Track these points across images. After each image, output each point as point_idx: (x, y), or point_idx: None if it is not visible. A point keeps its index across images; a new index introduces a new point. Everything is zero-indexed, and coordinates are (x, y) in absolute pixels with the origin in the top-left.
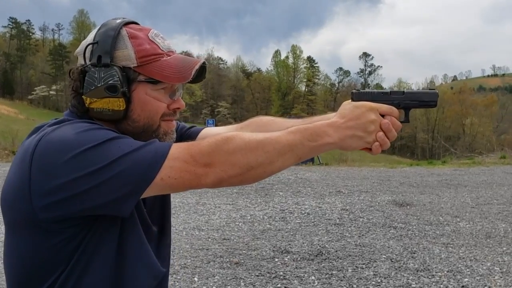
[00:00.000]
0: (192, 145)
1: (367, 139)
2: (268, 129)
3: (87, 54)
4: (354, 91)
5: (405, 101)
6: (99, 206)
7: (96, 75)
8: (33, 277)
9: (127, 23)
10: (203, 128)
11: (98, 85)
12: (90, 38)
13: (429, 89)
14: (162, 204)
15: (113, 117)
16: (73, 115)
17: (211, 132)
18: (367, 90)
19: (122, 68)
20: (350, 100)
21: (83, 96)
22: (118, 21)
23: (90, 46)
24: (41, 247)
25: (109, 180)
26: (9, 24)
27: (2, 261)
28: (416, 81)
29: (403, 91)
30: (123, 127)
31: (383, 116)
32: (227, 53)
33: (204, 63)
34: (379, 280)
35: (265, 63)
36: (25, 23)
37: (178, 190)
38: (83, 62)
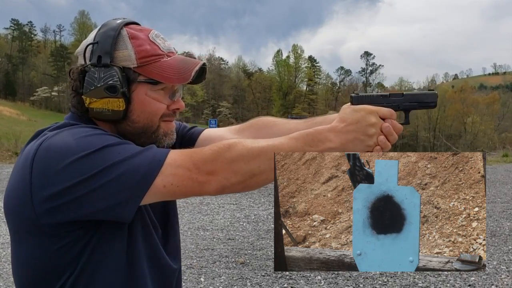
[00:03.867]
0: (195, 153)
1: (368, 142)
2: (269, 131)
3: (87, 54)
4: (353, 94)
5: (405, 103)
6: (99, 211)
7: (96, 75)
8: (41, 281)
9: (127, 24)
10: (204, 129)
11: (98, 85)
12: (90, 38)
13: (428, 90)
14: (163, 203)
15: (112, 117)
16: (74, 116)
17: (212, 134)
18: (366, 93)
19: (122, 68)
20: (349, 104)
21: (82, 96)
22: (119, 21)
23: (90, 46)
24: (46, 251)
25: (105, 184)
26: (11, 26)
27: (11, 266)
28: (417, 80)
29: (402, 93)
30: (122, 128)
31: (383, 119)
32: (227, 53)
33: (204, 64)
34: (385, 280)
35: (265, 63)
36: (27, 24)
37: (181, 197)
38: (83, 62)
